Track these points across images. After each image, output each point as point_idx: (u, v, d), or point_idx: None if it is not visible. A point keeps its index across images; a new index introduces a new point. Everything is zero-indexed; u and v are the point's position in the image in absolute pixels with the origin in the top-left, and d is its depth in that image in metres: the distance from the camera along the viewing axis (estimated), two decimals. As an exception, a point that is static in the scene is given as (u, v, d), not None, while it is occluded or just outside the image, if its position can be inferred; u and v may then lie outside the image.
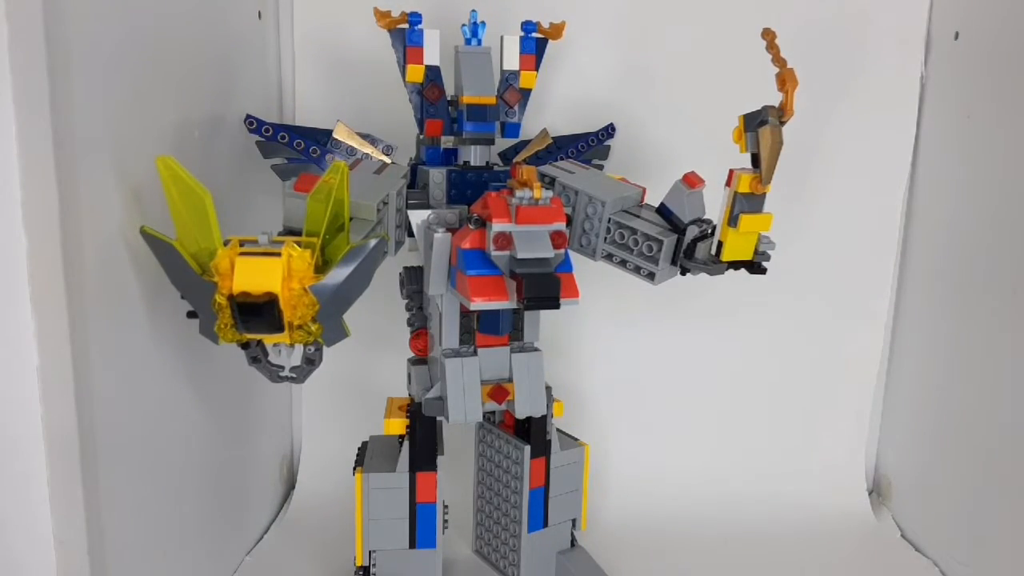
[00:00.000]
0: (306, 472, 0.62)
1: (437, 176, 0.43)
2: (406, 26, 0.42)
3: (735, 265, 0.40)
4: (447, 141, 0.44)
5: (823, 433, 0.63)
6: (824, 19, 0.59)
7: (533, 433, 0.45)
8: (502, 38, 0.44)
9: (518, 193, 0.36)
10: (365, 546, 0.44)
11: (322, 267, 0.33)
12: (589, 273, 0.41)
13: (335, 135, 0.45)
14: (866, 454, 0.64)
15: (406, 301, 0.45)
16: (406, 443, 0.44)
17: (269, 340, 0.34)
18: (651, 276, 0.40)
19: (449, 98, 0.44)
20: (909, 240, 0.61)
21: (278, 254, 0.32)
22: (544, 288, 0.36)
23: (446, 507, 0.46)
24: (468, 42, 0.43)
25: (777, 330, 0.63)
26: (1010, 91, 0.50)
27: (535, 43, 0.44)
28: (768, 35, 0.38)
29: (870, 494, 0.63)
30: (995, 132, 0.51)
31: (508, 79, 0.44)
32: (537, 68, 0.44)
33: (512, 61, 0.44)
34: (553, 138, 0.51)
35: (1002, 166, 0.50)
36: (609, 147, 0.54)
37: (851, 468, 0.63)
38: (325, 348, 0.36)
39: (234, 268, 0.31)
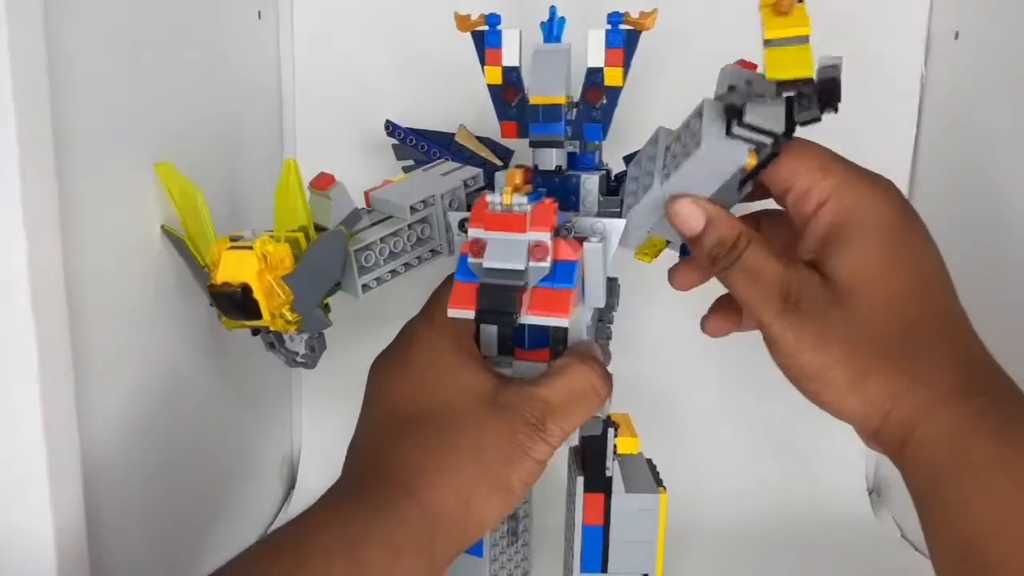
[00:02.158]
0: (306, 472, 0.62)
1: (501, 180, 0.41)
2: (485, 28, 0.41)
3: (802, 102, 0.32)
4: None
5: (823, 433, 0.63)
6: (824, 19, 0.59)
7: (587, 465, 0.42)
8: (588, 33, 0.41)
9: (489, 198, 0.34)
10: None
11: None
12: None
13: (457, 139, 0.45)
14: (866, 454, 0.64)
15: None
16: None
17: (252, 326, 0.37)
18: (698, 145, 0.34)
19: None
20: (909, 240, 0.61)
21: (250, 246, 0.35)
22: (494, 301, 0.33)
23: (516, 522, 0.46)
24: (547, 40, 0.41)
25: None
26: (1010, 91, 0.50)
27: (623, 36, 0.40)
28: None
29: (870, 494, 0.63)
30: (995, 132, 0.51)
31: (592, 77, 0.41)
32: (627, 63, 0.40)
33: (597, 57, 0.40)
34: None
35: (1002, 166, 0.50)
36: None
37: (851, 468, 0.63)
38: (327, 337, 0.38)
39: (219, 261, 0.34)
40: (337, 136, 0.59)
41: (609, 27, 0.40)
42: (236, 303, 0.34)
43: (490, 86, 0.41)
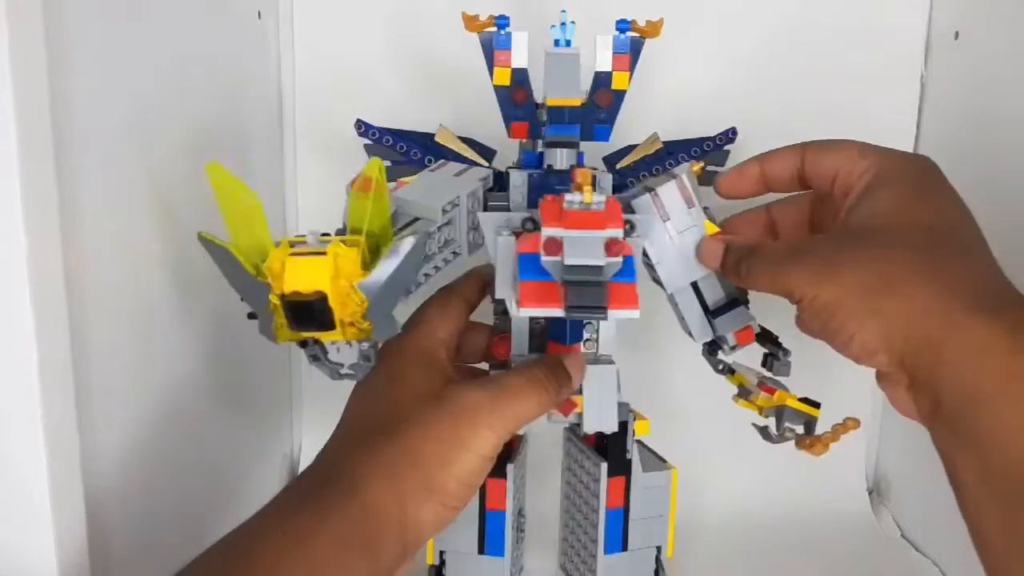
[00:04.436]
0: (306, 472, 0.62)
1: (517, 179, 0.42)
2: (494, 29, 0.41)
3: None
4: (527, 144, 0.43)
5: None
6: (824, 19, 0.59)
7: (610, 450, 0.43)
8: (596, 38, 0.43)
9: (567, 197, 0.35)
10: (436, 545, 0.44)
11: (371, 264, 0.34)
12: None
13: (437, 139, 0.45)
14: (866, 454, 0.64)
15: (494, 304, 0.44)
16: None
17: (324, 338, 0.34)
18: (690, 333, 0.41)
19: (540, 101, 0.43)
20: (909, 240, 0.61)
21: (326, 253, 0.32)
22: (587, 297, 0.34)
23: (523, 517, 0.46)
24: (557, 43, 0.41)
25: (778, 328, 0.63)
26: (1010, 91, 0.50)
27: (630, 42, 0.42)
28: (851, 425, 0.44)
29: (870, 494, 0.63)
30: (996, 132, 0.51)
31: (600, 81, 0.42)
32: (632, 69, 0.42)
33: (605, 62, 0.42)
34: (664, 142, 0.47)
35: (1003, 166, 0.50)
36: (728, 152, 0.50)
37: (851, 468, 0.63)
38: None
39: (284, 269, 0.32)
40: (337, 136, 0.59)
41: (617, 33, 0.41)
42: (312, 313, 0.32)
43: (498, 87, 0.42)
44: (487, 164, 0.45)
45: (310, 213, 0.60)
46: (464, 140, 0.45)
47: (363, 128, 0.46)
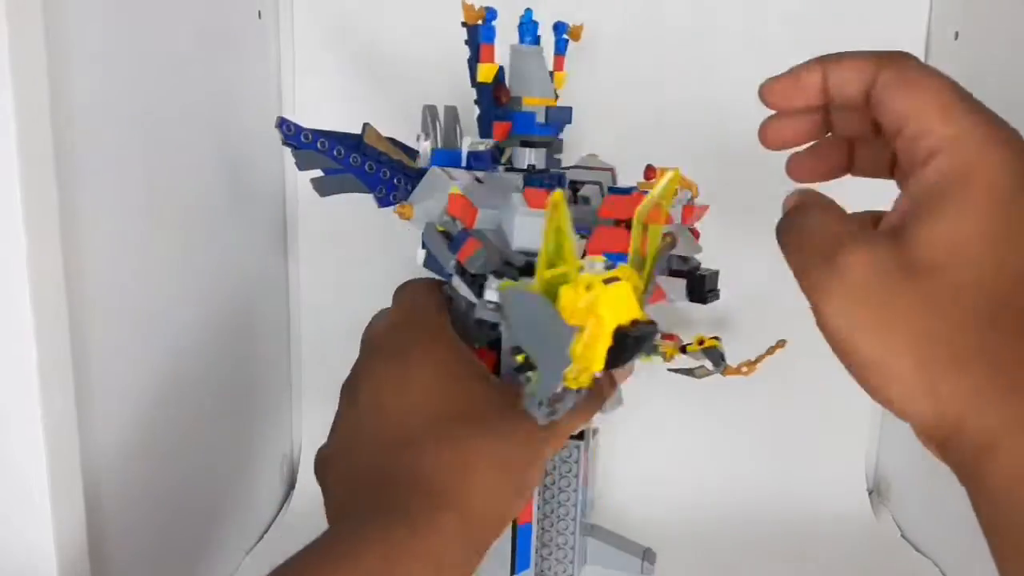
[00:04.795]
0: (306, 472, 0.62)
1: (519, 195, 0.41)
2: (482, 22, 0.41)
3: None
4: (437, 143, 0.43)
5: (823, 433, 0.63)
6: (824, 19, 0.59)
7: (586, 430, 0.47)
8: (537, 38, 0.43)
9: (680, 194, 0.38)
10: None
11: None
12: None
13: (366, 139, 0.41)
14: (866, 454, 0.64)
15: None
16: None
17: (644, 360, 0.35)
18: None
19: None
20: (909, 240, 0.61)
21: (616, 278, 0.28)
22: (711, 284, 0.39)
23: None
24: (522, 41, 0.41)
25: (778, 329, 0.63)
26: (1010, 91, 0.50)
27: (565, 44, 0.43)
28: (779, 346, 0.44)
29: (870, 494, 0.63)
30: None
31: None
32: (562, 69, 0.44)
33: (549, 63, 0.43)
34: None
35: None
36: (561, 140, 0.48)
37: (851, 468, 0.63)
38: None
39: (598, 303, 0.28)
40: (337, 136, 0.59)
41: (556, 36, 0.43)
42: (640, 342, 0.28)
43: (481, 84, 0.41)
44: (414, 165, 0.43)
45: (311, 213, 0.60)
46: (390, 140, 0.43)
47: (293, 131, 0.39)
